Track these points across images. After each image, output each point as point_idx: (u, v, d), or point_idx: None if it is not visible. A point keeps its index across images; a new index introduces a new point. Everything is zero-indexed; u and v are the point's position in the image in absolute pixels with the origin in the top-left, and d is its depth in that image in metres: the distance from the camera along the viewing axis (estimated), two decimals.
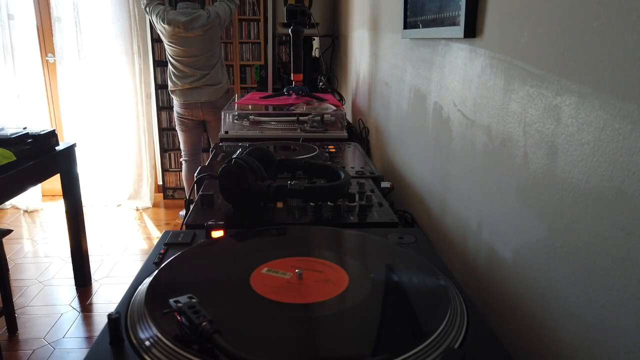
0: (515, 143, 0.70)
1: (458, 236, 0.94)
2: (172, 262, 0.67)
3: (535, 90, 0.65)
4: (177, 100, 2.97)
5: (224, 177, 0.89)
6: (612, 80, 0.49)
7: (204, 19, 2.75)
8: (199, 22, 2.74)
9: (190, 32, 2.75)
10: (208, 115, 2.98)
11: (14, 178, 1.76)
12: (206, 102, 2.92)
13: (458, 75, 0.92)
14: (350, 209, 0.92)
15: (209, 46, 2.85)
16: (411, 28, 1.20)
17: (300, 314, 0.56)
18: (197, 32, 2.76)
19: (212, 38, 2.84)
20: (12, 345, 1.91)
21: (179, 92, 2.94)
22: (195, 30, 2.75)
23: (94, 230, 3.10)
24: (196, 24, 2.74)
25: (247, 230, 0.80)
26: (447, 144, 0.99)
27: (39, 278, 2.47)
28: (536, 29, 0.64)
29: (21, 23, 3.40)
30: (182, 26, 2.72)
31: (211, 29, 2.80)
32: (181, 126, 3.06)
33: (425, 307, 0.57)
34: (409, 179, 1.30)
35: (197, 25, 2.74)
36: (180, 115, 3.02)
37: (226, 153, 1.35)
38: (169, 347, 0.49)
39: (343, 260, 0.69)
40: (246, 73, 3.55)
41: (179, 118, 3.03)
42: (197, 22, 2.74)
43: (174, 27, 2.73)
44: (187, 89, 2.91)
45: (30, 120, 3.45)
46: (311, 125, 1.66)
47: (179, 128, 3.09)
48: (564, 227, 0.58)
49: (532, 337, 0.66)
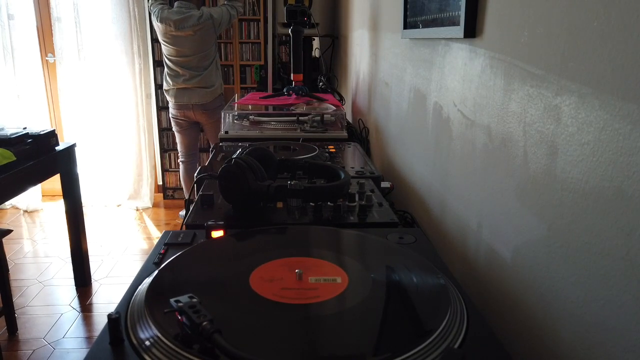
0: (515, 143, 0.70)
1: (458, 236, 0.94)
2: (172, 262, 0.67)
3: (535, 90, 0.65)
4: (170, 100, 2.98)
5: (224, 177, 0.89)
6: (612, 80, 0.49)
7: (194, 19, 2.76)
8: (190, 21, 2.75)
9: (181, 31, 2.77)
10: (200, 116, 2.99)
11: (14, 178, 1.76)
12: (197, 104, 2.93)
13: (458, 75, 0.92)
14: (350, 209, 0.92)
15: (200, 47, 2.85)
16: (411, 28, 1.20)
17: (300, 314, 0.56)
18: (188, 32, 2.77)
19: (204, 39, 2.84)
20: (12, 345, 1.92)
21: (171, 92, 2.95)
22: (186, 29, 2.76)
23: (94, 230, 3.10)
24: (187, 24, 2.75)
25: (247, 230, 0.80)
26: (447, 144, 0.99)
27: (39, 278, 2.47)
28: (536, 29, 0.64)
29: (21, 23, 3.40)
30: (172, 24, 2.74)
31: (202, 30, 2.80)
32: (176, 127, 3.08)
33: (425, 307, 0.57)
34: (409, 179, 1.30)
35: (187, 24, 2.76)
36: (174, 116, 3.03)
37: (226, 153, 1.35)
38: (169, 347, 0.49)
39: (343, 260, 0.69)
40: (246, 73, 3.55)
41: (173, 119, 3.05)
42: (187, 22, 2.75)
43: (166, 25, 2.76)
44: (179, 89, 2.92)
45: (30, 120, 3.45)
46: (311, 125, 1.66)
47: (174, 129, 3.11)
48: (564, 227, 0.58)
49: (532, 337, 0.66)
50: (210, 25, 2.82)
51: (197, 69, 2.89)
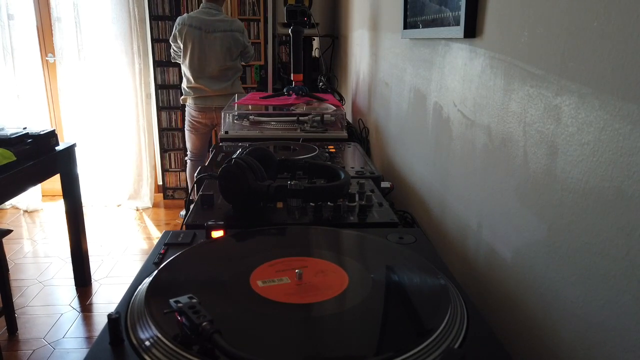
0: (515, 143, 0.70)
1: (458, 236, 0.94)
2: (172, 262, 0.67)
3: (535, 90, 0.65)
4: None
5: (224, 177, 0.89)
6: (612, 80, 0.49)
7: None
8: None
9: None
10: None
11: (14, 178, 1.76)
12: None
13: (458, 75, 0.92)
14: (350, 209, 0.92)
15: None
16: (411, 28, 1.20)
17: (300, 314, 0.56)
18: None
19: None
20: (12, 345, 1.91)
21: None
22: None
23: (94, 230, 3.10)
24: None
25: (247, 230, 0.80)
26: (447, 144, 0.99)
27: (39, 278, 2.47)
28: (536, 29, 0.64)
29: (21, 23, 3.40)
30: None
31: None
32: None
33: (425, 307, 0.57)
34: (409, 179, 1.30)
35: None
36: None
37: (226, 153, 1.35)
38: (168, 347, 0.49)
39: (343, 260, 0.69)
40: (246, 73, 3.55)
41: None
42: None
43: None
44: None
45: (30, 120, 3.45)
46: (311, 125, 1.66)
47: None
48: (564, 227, 0.58)
49: (532, 337, 0.66)
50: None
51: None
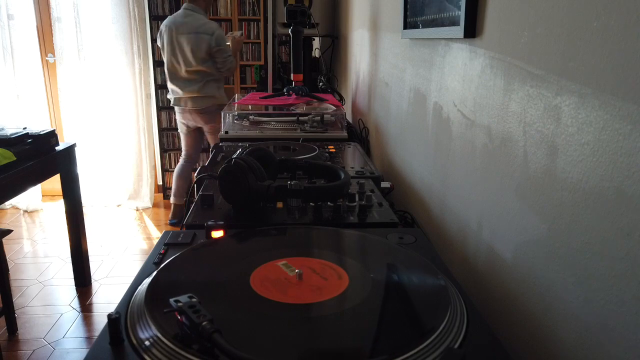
0: (515, 143, 0.70)
1: (458, 236, 0.94)
2: (172, 262, 0.67)
3: (535, 90, 0.65)
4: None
5: (224, 177, 0.89)
6: (612, 80, 0.49)
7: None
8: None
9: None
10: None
11: (14, 178, 1.76)
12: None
13: (458, 75, 0.92)
14: (350, 209, 0.92)
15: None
16: (411, 28, 1.20)
17: (300, 314, 0.56)
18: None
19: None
20: (12, 346, 1.91)
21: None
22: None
23: (94, 230, 3.10)
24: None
25: (247, 230, 0.80)
26: (447, 144, 0.99)
27: (39, 278, 2.47)
28: (536, 29, 0.64)
29: (21, 23, 3.40)
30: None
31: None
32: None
33: (425, 307, 0.57)
34: (409, 179, 1.30)
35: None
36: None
37: (226, 153, 1.35)
38: (168, 347, 0.49)
39: (343, 260, 0.69)
40: (246, 73, 3.55)
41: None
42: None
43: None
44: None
45: (30, 120, 3.45)
46: (311, 125, 1.66)
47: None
48: (564, 227, 0.58)
49: (532, 337, 0.66)
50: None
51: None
